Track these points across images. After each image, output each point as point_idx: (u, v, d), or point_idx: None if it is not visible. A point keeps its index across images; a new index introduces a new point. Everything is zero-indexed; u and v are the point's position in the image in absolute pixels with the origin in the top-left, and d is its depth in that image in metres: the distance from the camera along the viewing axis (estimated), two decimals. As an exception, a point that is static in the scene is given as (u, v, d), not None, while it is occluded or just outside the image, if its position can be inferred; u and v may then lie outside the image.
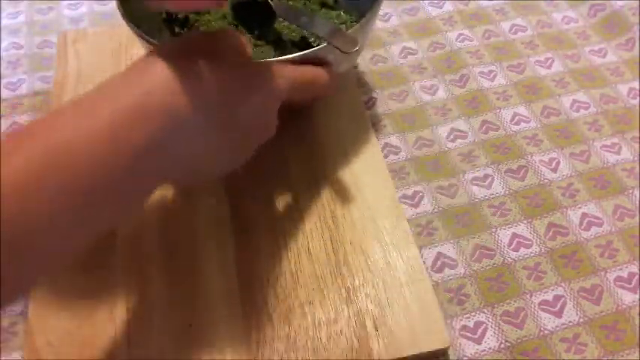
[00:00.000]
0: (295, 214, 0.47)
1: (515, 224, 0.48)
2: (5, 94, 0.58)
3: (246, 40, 0.39)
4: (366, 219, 0.47)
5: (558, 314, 0.43)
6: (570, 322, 0.43)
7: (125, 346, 0.40)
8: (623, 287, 0.44)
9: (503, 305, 0.44)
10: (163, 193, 0.48)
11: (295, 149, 0.52)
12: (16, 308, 0.43)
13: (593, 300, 0.44)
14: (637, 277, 0.45)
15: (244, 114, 0.36)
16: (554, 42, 0.63)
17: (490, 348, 0.42)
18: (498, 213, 0.49)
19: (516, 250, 0.46)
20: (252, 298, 0.43)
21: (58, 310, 0.42)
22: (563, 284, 0.45)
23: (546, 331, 0.42)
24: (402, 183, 0.51)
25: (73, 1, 0.68)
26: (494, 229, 0.48)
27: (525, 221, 0.48)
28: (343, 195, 0.49)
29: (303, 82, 0.41)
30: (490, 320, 0.43)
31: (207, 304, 0.42)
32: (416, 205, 0.49)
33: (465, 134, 0.54)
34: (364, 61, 0.61)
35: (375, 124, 0.55)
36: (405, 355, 0.40)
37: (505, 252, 0.46)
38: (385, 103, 0.57)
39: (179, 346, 0.40)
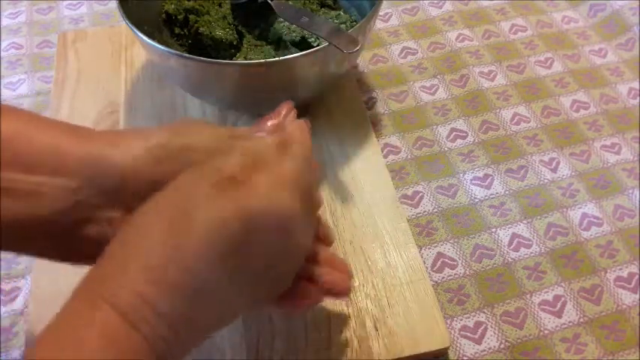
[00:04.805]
0: (295, 214, 0.47)
1: (515, 224, 0.48)
2: (5, 94, 0.58)
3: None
4: (366, 219, 0.47)
5: (558, 314, 0.43)
6: (570, 322, 0.43)
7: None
8: (623, 287, 0.44)
9: (503, 305, 0.44)
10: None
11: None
12: (16, 308, 0.43)
13: (593, 300, 0.44)
14: (637, 277, 0.45)
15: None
16: (554, 42, 0.63)
17: (490, 348, 0.42)
18: (498, 213, 0.49)
19: (516, 250, 0.46)
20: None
21: (58, 310, 0.42)
22: (563, 284, 0.45)
23: (546, 331, 0.42)
24: (402, 183, 0.51)
25: (73, 1, 0.68)
26: (494, 229, 0.48)
27: (525, 221, 0.48)
28: (343, 195, 0.49)
29: None
30: (490, 320, 0.43)
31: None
32: (416, 205, 0.49)
33: (465, 134, 0.54)
34: (364, 61, 0.61)
35: (375, 124, 0.55)
36: (405, 355, 0.40)
37: (505, 252, 0.46)
38: (385, 103, 0.57)
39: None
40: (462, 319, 0.43)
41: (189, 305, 0.26)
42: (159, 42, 0.45)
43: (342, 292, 0.36)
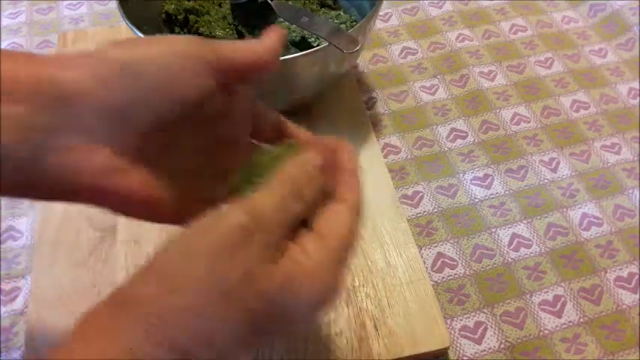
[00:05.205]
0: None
1: (515, 224, 0.48)
2: (5, 94, 0.58)
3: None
4: (366, 219, 0.47)
5: (558, 314, 0.43)
6: (570, 322, 0.43)
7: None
8: (623, 287, 0.44)
9: (503, 305, 0.44)
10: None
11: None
12: (16, 308, 0.43)
13: (593, 300, 0.44)
14: (637, 277, 0.45)
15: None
16: (554, 42, 0.63)
17: (490, 348, 0.42)
18: (498, 213, 0.49)
19: (516, 250, 0.46)
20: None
21: (58, 310, 0.42)
22: (563, 284, 0.45)
23: (546, 331, 0.42)
24: (402, 183, 0.51)
25: (73, 1, 0.68)
26: (494, 229, 0.48)
27: (525, 221, 0.48)
28: (343, 195, 0.49)
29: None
30: (490, 320, 0.43)
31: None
32: (416, 205, 0.49)
33: (465, 134, 0.54)
34: (364, 61, 0.61)
35: (375, 124, 0.55)
36: (405, 355, 0.40)
37: (505, 252, 0.46)
38: (385, 103, 0.57)
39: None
40: (462, 319, 0.43)
41: None
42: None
43: None
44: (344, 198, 0.29)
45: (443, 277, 0.45)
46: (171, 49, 0.28)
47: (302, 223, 0.28)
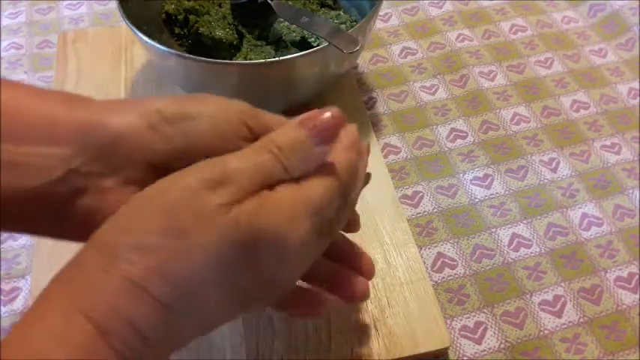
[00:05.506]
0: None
1: (515, 224, 0.48)
2: (5, 94, 0.58)
3: None
4: (366, 219, 0.47)
5: (558, 314, 0.43)
6: (570, 322, 0.43)
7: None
8: (623, 287, 0.44)
9: (503, 305, 0.44)
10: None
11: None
12: (16, 308, 0.43)
13: (593, 300, 0.44)
14: (637, 277, 0.45)
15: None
16: (554, 42, 0.63)
17: (490, 348, 0.42)
18: (498, 213, 0.49)
19: (516, 250, 0.46)
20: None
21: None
22: (563, 284, 0.45)
23: (546, 331, 0.42)
24: (402, 183, 0.51)
25: (73, 1, 0.68)
26: (494, 229, 0.48)
27: (525, 221, 0.48)
28: (343, 195, 0.48)
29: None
30: (490, 320, 0.43)
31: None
32: (416, 205, 0.49)
33: (465, 134, 0.54)
34: (364, 61, 0.61)
35: (375, 124, 0.55)
36: (405, 355, 0.40)
37: (505, 252, 0.46)
38: (385, 103, 0.57)
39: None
40: (462, 319, 0.43)
41: (170, 321, 0.25)
42: (159, 42, 0.45)
43: (358, 299, 0.36)
44: (328, 166, 0.29)
45: (443, 277, 0.45)
46: (217, 107, 0.30)
47: None
